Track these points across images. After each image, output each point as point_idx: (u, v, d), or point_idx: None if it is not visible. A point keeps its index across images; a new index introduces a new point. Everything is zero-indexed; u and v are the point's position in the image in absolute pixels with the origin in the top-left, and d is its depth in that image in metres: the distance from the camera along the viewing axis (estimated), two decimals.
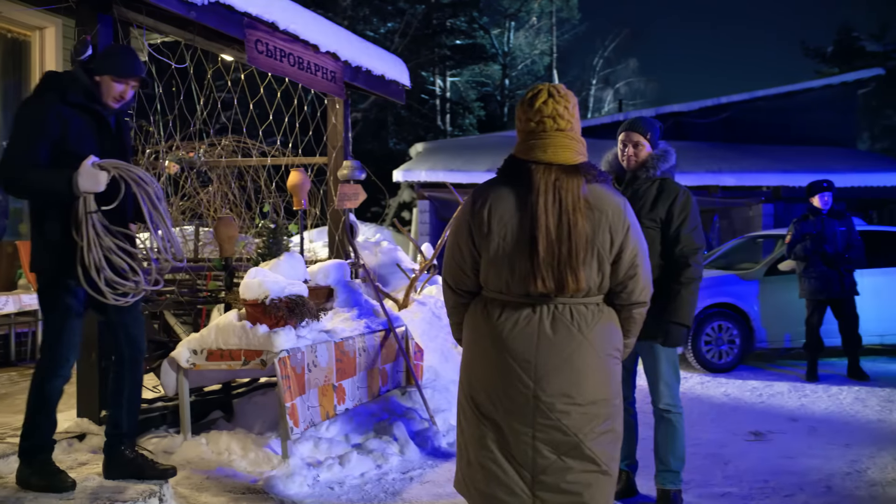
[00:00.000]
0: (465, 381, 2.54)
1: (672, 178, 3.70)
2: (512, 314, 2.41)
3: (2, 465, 3.60)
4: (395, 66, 6.45)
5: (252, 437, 4.37)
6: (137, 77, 3.37)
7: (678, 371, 3.73)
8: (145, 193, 3.22)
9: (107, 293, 3.17)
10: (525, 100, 2.48)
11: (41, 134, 3.14)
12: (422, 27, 30.15)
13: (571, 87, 30.81)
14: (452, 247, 2.53)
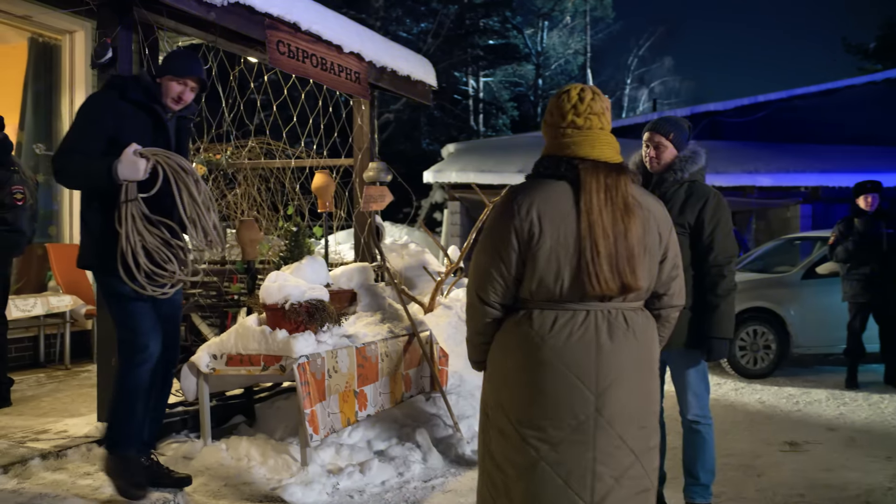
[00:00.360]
0: (507, 405, 2.25)
1: (702, 181, 3.56)
2: (566, 323, 2.20)
3: (19, 469, 3.58)
4: (422, 66, 6.37)
5: (272, 443, 4.32)
6: (195, 77, 3.35)
7: (707, 380, 3.59)
8: (183, 183, 3.18)
9: (145, 283, 3.14)
10: (571, 96, 2.33)
11: (95, 127, 3.19)
12: (454, 27, 30.09)
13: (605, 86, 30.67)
14: (490, 256, 2.25)
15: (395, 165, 20.15)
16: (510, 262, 2.22)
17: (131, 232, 3.11)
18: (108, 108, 3.22)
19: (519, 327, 2.25)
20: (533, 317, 2.23)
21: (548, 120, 2.39)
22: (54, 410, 4.68)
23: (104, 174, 3.08)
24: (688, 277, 3.47)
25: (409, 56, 6.25)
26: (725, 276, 3.39)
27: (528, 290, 2.23)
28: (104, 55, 4.03)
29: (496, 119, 32.71)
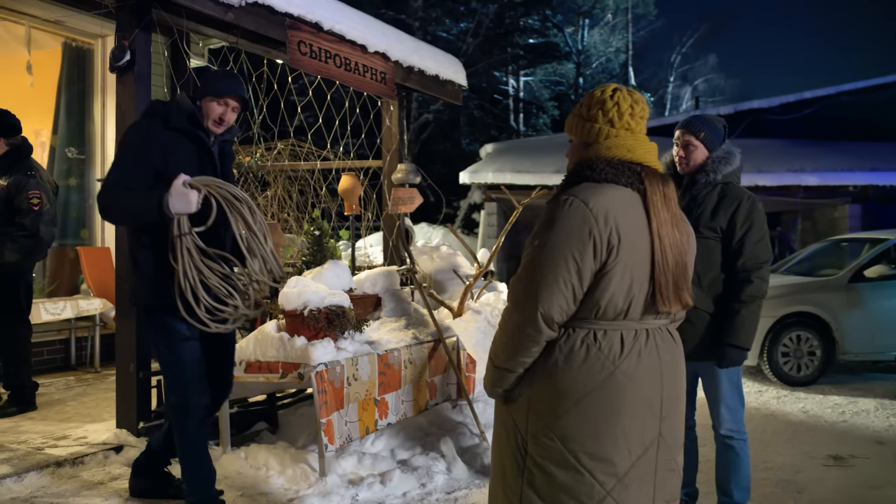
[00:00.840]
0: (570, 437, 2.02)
1: (736, 183, 3.36)
2: (633, 344, 2.02)
3: (34, 476, 3.55)
4: (451, 65, 6.25)
5: (291, 451, 4.22)
6: (236, 96, 3.17)
7: (742, 393, 3.39)
8: (238, 213, 3.00)
9: (206, 321, 2.97)
10: (625, 95, 2.15)
11: (139, 160, 3.00)
12: (494, 27, 29.92)
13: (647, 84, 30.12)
14: (559, 268, 1.98)
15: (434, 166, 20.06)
16: (585, 275, 1.98)
17: (189, 267, 2.93)
18: (152, 138, 3.04)
19: (584, 349, 2.02)
20: (598, 337, 2.02)
21: (597, 117, 2.14)
22: (78, 415, 4.66)
23: (154, 209, 2.91)
24: (719, 284, 3.29)
25: (438, 55, 6.13)
26: (752, 282, 3.20)
27: (594, 309, 2.02)
28: (122, 58, 3.99)
29: (536, 119, 32.44)
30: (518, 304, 2.04)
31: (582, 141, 2.19)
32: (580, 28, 32.29)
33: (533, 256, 2.04)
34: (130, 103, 4.03)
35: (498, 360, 2.11)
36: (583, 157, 2.15)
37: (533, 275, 2.01)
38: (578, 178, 2.12)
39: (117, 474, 3.68)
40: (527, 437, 2.07)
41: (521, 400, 2.11)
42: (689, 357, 3.31)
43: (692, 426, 3.55)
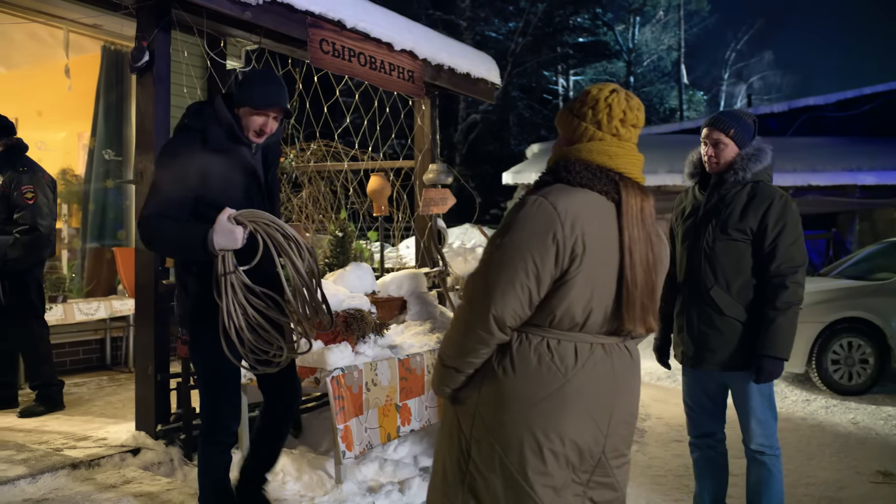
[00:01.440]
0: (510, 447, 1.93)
1: (767, 182, 3.16)
2: (588, 358, 1.93)
3: (49, 478, 3.54)
4: (483, 63, 6.11)
5: (310, 457, 4.15)
6: (278, 108, 2.94)
7: (774, 406, 3.18)
8: (284, 253, 2.80)
9: (251, 362, 2.83)
10: (621, 99, 2.02)
11: (178, 184, 2.79)
12: (542, 26, 29.66)
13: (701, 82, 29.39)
14: (517, 270, 1.88)
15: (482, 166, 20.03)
16: (543, 280, 1.88)
17: (233, 306, 2.76)
18: (190, 159, 2.81)
19: (536, 357, 1.92)
20: (552, 347, 1.93)
21: (586, 115, 2.02)
22: (103, 416, 4.68)
23: (199, 246, 2.72)
24: (749, 290, 3.09)
25: (468, 53, 6.00)
26: (787, 288, 2.99)
27: (549, 317, 1.92)
28: (141, 58, 3.97)
29: None
30: (471, 303, 1.94)
31: (566, 137, 2.08)
32: (631, 26, 31.76)
33: (492, 255, 1.93)
34: (149, 104, 4.00)
35: (446, 358, 2.02)
36: (563, 157, 2.03)
37: (489, 274, 1.91)
38: (553, 177, 2.00)
39: (131, 477, 3.65)
40: (470, 441, 1.99)
41: (468, 402, 2.01)
42: (719, 367, 3.14)
43: (721, 439, 3.36)
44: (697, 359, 3.19)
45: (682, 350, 3.27)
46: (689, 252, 3.23)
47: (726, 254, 3.11)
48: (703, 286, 3.15)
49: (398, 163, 6.46)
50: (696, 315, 3.18)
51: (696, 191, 3.32)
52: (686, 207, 3.34)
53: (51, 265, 6.89)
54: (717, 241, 3.12)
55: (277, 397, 3.23)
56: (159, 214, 2.78)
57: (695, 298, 3.19)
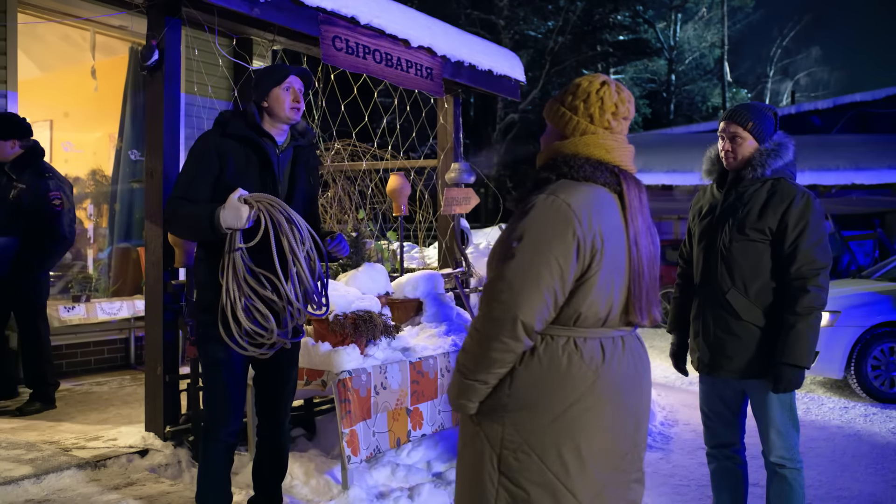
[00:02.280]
0: (546, 451, 1.88)
1: (788, 179, 2.98)
2: (613, 353, 1.92)
3: (53, 479, 3.53)
4: (506, 60, 5.99)
5: (318, 461, 4.08)
6: (299, 75, 3.02)
7: (796, 416, 3.00)
8: (284, 235, 2.84)
9: (242, 342, 2.84)
10: (612, 91, 1.98)
11: (200, 169, 2.92)
12: (582, 24, 29.34)
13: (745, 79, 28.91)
14: (540, 272, 1.83)
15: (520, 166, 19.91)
16: (568, 281, 1.84)
17: (231, 285, 2.82)
18: (212, 147, 2.93)
19: (566, 358, 1.88)
20: (579, 345, 1.89)
21: (578, 108, 1.99)
22: (118, 416, 4.67)
23: (207, 222, 2.81)
24: (768, 293, 2.93)
25: (490, 49, 5.88)
26: (808, 292, 2.81)
27: (574, 315, 1.88)
28: (150, 57, 3.94)
29: None
30: (495, 312, 1.85)
31: (557, 132, 2.03)
32: (672, 23, 31.24)
33: (512, 260, 1.85)
34: (159, 104, 3.98)
35: (469, 372, 1.93)
36: (559, 152, 1.98)
37: (512, 280, 1.85)
38: (555, 173, 1.95)
39: (135, 479, 3.62)
40: (500, 454, 1.91)
41: (493, 412, 1.93)
42: (737, 374, 2.98)
43: (740, 450, 3.20)
44: (713, 365, 3.03)
45: (697, 356, 3.11)
46: (706, 253, 3.07)
47: (743, 255, 2.94)
48: (719, 289, 2.99)
49: (420, 162, 6.38)
50: (711, 319, 3.02)
51: (713, 189, 3.16)
52: (703, 206, 3.18)
53: (79, 265, 6.97)
54: (734, 242, 2.96)
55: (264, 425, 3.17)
56: (180, 197, 2.92)
57: (711, 302, 3.03)
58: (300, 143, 3.09)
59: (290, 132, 3.08)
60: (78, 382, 5.71)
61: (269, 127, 2.99)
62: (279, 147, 3.02)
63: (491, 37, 27.27)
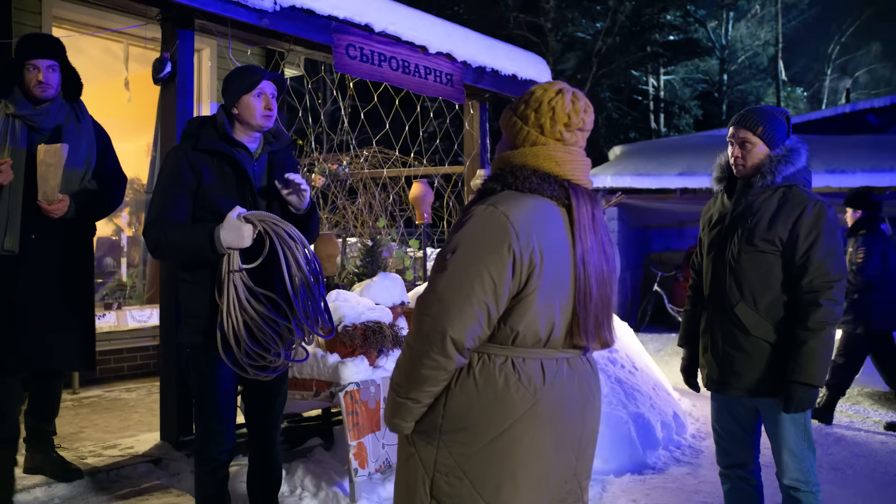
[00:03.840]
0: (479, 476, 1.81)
1: (801, 187, 2.84)
2: (556, 376, 1.82)
3: (63, 487, 3.57)
4: (532, 65, 5.90)
5: (328, 472, 4.05)
6: (271, 79, 2.90)
7: (811, 437, 2.85)
8: (291, 254, 2.79)
9: (245, 366, 2.79)
10: (566, 100, 1.88)
11: (176, 187, 2.80)
12: (630, 25, 28.92)
13: (801, 78, 28.08)
14: (472, 287, 1.74)
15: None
16: (502, 296, 1.76)
17: (233, 307, 2.74)
18: (184, 163, 2.81)
19: (502, 379, 1.79)
20: (517, 366, 1.79)
21: (528, 118, 1.90)
22: (139, 423, 4.73)
23: (206, 244, 2.71)
24: (780, 307, 2.78)
25: (515, 54, 5.80)
26: (821, 307, 2.67)
27: (511, 335, 1.79)
28: (163, 70, 3.98)
29: (679, 119, 31.08)
30: (425, 327, 1.77)
31: (509, 141, 1.94)
32: (724, 22, 30.57)
33: (443, 272, 1.78)
34: (171, 116, 4.02)
35: (401, 390, 1.85)
36: (507, 162, 1.89)
37: (443, 293, 1.77)
38: (500, 183, 1.86)
39: (144, 488, 3.65)
40: (433, 478, 1.83)
41: (427, 433, 1.85)
42: (746, 392, 2.85)
43: (754, 471, 3.05)
44: (722, 382, 2.90)
45: (706, 372, 2.98)
46: (714, 264, 2.94)
47: (753, 267, 2.80)
48: (727, 302, 2.86)
49: (445, 168, 6.33)
50: (720, 334, 2.89)
51: (724, 197, 3.03)
52: (713, 215, 3.05)
53: (116, 273, 7.11)
54: (743, 253, 2.83)
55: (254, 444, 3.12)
56: (162, 219, 2.80)
57: (719, 316, 2.90)
58: (275, 147, 2.99)
59: (264, 137, 2.98)
60: (109, 389, 5.81)
61: (240, 135, 2.89)
62: (253, 155, 2.93)
63: (538, 40, 27.13)
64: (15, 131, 3.39)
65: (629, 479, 4.48)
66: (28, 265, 3.40)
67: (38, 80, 3.37)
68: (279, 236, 2.78)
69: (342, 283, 4.67)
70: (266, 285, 2.82)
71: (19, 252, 3.37)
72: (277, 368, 2.89)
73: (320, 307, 2.91)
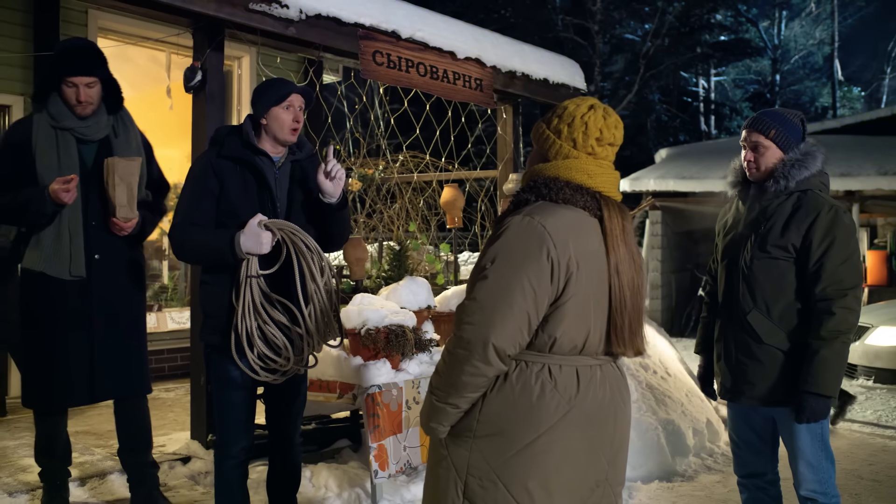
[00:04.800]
0: (513, 480, 1.84)
1: (817, 191, 2.78)
2: (588, 381, 1.87)
3: (96, 482, 3.69)
4: (563, 68, 5.89)
5: (353, 474, 4.11)
6: (296, 92, 2.93)
7: (828, 447, 2.79)
8: (306, 263, 2.87)
9: (257, 368, 2.87)
10: (598, 116, 1.94)
11: (201, 192, 2.88)
12: (679, 25, 28.53)
13: (858, 77, 27.28)
14: (513, 294, 1.79)
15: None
16: (541, 303, 1.81)
17: (248, 311, 2.83)
18: (209, 169, 2.89)
19: (539, 386, 1.84)
20: (553, 373, 1.84)
21: (562, 132, 1.96)
22: (173, 423, 4.86)
23: (226, 248, 2.79)
24: (793, 315, 2.74)
25: (545, 57, 5.79)
26: (834, 315, 2.61)
27: (549, 342, 1.84)
28: (193, 78, 4.10)
29: (730, 121, 30.55)
30: (467, 335, 1.82)
31: (541, 153, 2.01)
32: (776, 21, 29.93)
33: (484, 281, 1.83)
34: (202, 122, 4.13)
35: (441, 394, 1.89)
36: (540, 174, 1.95)
37: (484, 301, 1.82)
38: (534, 195, 1.93)
39: (172, 485, 3.75)
40: (466, 480, 1.87)
41: (461, 437, 1.89)
42: (759, 401, 2.81)
43: (773, 481, 3.00)
44: (735, 391, 2.86)
45: (720, 381, 2.95)
46: (728, 271, 2.90)
47: (766, 273, 2.76)
48: (740, 310, 2.81)
49: (477, 173, 6.35)
50: (733, 342, 2.85)
51: (738, 202, 2.99)
52: (728, 220, 3.01)
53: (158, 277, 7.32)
54: (756, 260, 2.78)
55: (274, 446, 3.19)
56: (186, 222, 2.89)
57: (732, 324, 2.85)
58: (298, 157, 3.04)
59: (288, 146, 3.03)
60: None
61: (265, 145, 2.95)
62: (276, 164, 2.99)
63: (585, 42, 26.95)
64: (66, 144, 3.24)
65: (657, 485, 4.44)
66: (96, 289, 3.25)
67: (78, 98, 3.20)
68: (296, 245, 2.86)
69: (370, 286, 4.73)
70: (283, 292, 2.89)
71: (86, 275, 3.22)
72: (287, 373, 2.95)
73: (331, 317, 2.96)
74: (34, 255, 3.22)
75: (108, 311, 3.30)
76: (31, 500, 3.57)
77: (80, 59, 3.24)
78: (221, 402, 3.01)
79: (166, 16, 4.05)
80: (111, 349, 3.30)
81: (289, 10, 3.95)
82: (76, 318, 3.23)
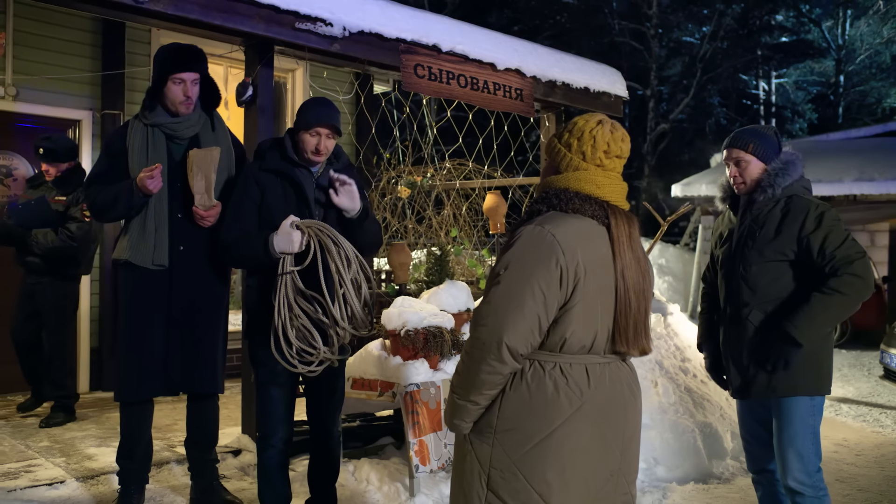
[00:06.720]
0: (532, 472, 1.99)
1: (802, 195, 2.95)
2: (599, 377, 2.02)
3: (154, 471, 3.94)
4: (603, 76, 5.99)
5: (393, 469, 4.29)
6: (326, 125, 3.10)
7: (818, 439, 2.90)
8: (332, 259, 3.06)
9: (294, 361, 3.08)
10: (605, 130, 2.09)
11: (245, 201, 3.15)
12: (738, 27, 28.08)
13: None
14: (524, 298, 1.94)
15: (674, 177, 19.13)
16: (551, 306, 1.97)
17: (283, 305, 3.05)
18: (252, 179, 3.17)
19: (552, 383, 1.99)
20: (565, 370, 2.00)
21: (571, 146, 2.11)
22: (227, 418, 5.05)
23: (262, 249, 3.03)
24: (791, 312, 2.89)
25: (586, 66, 5.90)
26: (840, 277, 2.77)
27: (559, 342, 2.00)
28: (245, 93, 4.35)
29: (792, 124, 29.86)
30: (482, 336, 1.99)
31: (553, 166, 2.16)
32: (840, 21, 29.17)
33: (497, 286, 2.00)
34: (254, 134, 4.37)
35: (461, 392, 2.07)
36: (552, 186, 2.11)
37: (497, 305, 1.97)
38: (546, 205, 2.09)
39: (223, 475, 3.98)
40: (489, 473, 2.04)
41: (483, 432, 2.06)
42: (764, 393, 2.93)
43: (776, 474, 3.09)
44: (741, 389, 3.02)
45: (729, 380, 3.09)
46: (727, 278, 3.07)
47: (763, 277, 2.93)
48: (741, 313, 2.98)
49: (520, 179, 6.48)
50: (737, 344, 3.02)
51: (730, 214, 3.18)
52: (723, 232, 3.20)
53: None
54: (753, 265, 2.95)
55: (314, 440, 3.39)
56: (230, 230, 3.18)
57: (735, 327, 3.02)
58: (335, 167, 3.26)
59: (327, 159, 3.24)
60: None
61: (300, 158, 3.19)
62: (315, 175, 3.22)
63: (641, 47, 26.75)
64: (155, 141, 3.36)
65: (692, 487, 4.50)
66: (179, 280, 3.37)
67: (186, 94, 3.31)
68: (321, 241, 3.08)
69: (413, 290, 4.92)
70: (315, 287, 3.10)
71: (168, 266, 3.36)
72: (321, 363, 3.15)
73: (358, 308, 3.14)
74: (122, 245, 3.38)
75: (186, 302, 3.39)
76: (95, 485, 3.85)
77: (186, 56, 3.36)
78: (263, 396, 3.24)
79: (220, 35, 4.31)
80: (183, 342, 3.41)
81: (333, 27, 4.17)
82: (156, 307, 3.36)
